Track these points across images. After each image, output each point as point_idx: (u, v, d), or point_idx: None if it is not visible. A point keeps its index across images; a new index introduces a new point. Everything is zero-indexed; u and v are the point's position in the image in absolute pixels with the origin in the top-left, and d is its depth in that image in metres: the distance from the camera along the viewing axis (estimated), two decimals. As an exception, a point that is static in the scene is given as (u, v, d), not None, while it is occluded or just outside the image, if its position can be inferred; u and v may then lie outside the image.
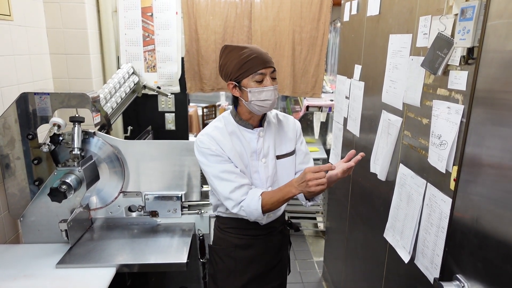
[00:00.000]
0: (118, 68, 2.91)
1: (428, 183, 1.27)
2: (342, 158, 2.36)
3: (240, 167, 1.49)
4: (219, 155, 1.45)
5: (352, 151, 1.40)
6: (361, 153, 1.38)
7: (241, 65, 1.40)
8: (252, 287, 1.63)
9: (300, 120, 3.65)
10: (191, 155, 1.98)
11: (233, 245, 1.61)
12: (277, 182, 1.57)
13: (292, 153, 1.61)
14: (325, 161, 3.49)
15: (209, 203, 2.07)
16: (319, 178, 1.27)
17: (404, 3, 1.48)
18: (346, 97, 2.23)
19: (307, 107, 3.35)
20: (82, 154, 1.81)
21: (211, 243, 1.70)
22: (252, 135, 1.52)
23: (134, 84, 2.77)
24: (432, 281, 1.21)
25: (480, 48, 0.96)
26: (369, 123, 1.86)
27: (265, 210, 1.41)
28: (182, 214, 2.02)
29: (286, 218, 1.78)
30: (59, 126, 1.77)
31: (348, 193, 2.23)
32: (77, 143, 1.75)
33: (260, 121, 1.55)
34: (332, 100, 3.30)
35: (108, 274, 1.58)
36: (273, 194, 1.41)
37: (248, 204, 1.41)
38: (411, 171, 1.39)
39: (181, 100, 3.18)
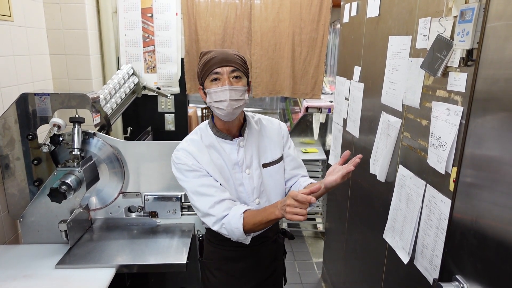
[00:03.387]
0: (118, 68, 2.92)
1: (428, 184, 1.27)
2: (341, 159, 2.37)
3: (220, 181, 1.40)
4: (196, 170, 1.38)
5: (347, 152, 1.33)
6: (359, 155, 1.30)
7: (202, 67, 1.36)
8: None
9: (299, 121, 3.66)
10: (191, 156, 1.98)
11: (224, 257, 1.53)
12: (265, 192, 1.48)
13: (279, 160, 1.51)
14: (324, 162, 3.49)
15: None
16: (298, 208, 1.15)
17: (404, 5, 1.48)
18: (346, 98, 2.24)
19: (307, 108, 3.36)
20: (82, 154, 1.81)
21: (203, 259, 1.61)
22: (232, 146, 1.43)
23: (134, 85, 2.77)
24: (431, 282, 1.21)
25: (479, 50, 0.97)
26: (369, 124, 1.86)
27: (246, 229, 1.29)
28: (181, 214, 2.02)
29: (284, 226, 1.71)
30: (59, 127, 1.77)
31: (347, 194, 2.23)
32: (77, 143, 1.75)
33: (240, 130, 1.46)
34: (331, 101, 3.31)
35: (107, 274, 1.58)
36: (256, 214, 1.29)
37: (229, 221, 1.30)
38: (410, 172, 1.40)
39: (181, 101, 3.19)
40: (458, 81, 1.10)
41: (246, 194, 1.45)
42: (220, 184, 1.40)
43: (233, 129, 1.44)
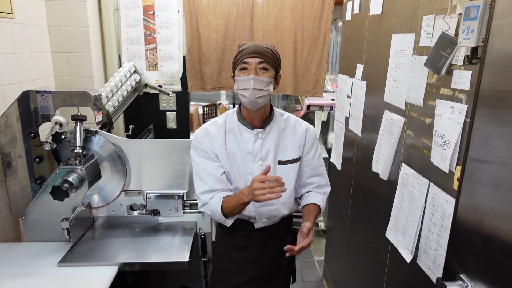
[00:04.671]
0: (120, 66, 2.91)
1: (431, 183, 1.27)
2: (343, 157, 2.37)
3: (226, 166, 1.49)
4: (206, 152, 1.49)
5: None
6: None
7: (235, 56, 1.45)
8: None
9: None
10: (192, 154, 1.98)
11: (229, 244, 1.61)
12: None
13: (296, 160, 1.55)
14: (326, 160, 3.49)
15: (210, 202, 2.07)
16: (265, 188, 1.27)
17: (407, 2, 1.47)
18: (348, 96, 2.23)
19: (308, 106, 3.35)
20: (84, 152, 1.81)
21: (214, 239, 1.73)
22: (251, 135, 1.49)
23: (136, 83, 2.77)
24: (434, 281, 1.21)
25: (484, 47, 0.96)
26: (371, 122, 1.86)
27: (225, 212, 1.44)
28: (183, 213, 2.02)
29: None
30: (61, 125, 1.77)
31: (349, 193, 2.23)
32: (79, 141, 1.75)
33: (263, 122, 1.51)
34: (333, 99, 3.30)
35: (109, 272, 1.58)
36: (230, 199, 1.43)
37: (211, 204, 1.46)
38: (413, 171, 1.39)
39: (183, 98, 3.18)
40: (463, 79, 1.09)
41: None
42: (224, 173, 1.49)
43: (256, 119, 1.50)
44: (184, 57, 3.08)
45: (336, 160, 2.53)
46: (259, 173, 1.47)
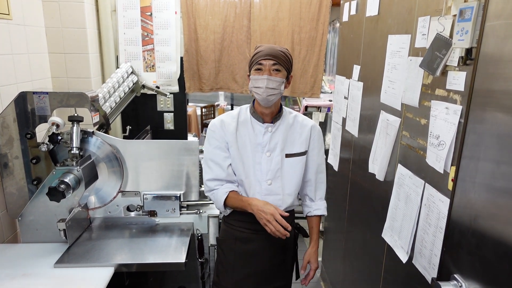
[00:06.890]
0: (117, 67, 2.91)
1: (426, 183, 1.27)
2: (340, 158, 2.37)
3: (235, 155, 1.60)
4: (217, 140, 1.61)
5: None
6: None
7: (251, 58, 1.58)
8: (251, 282, 1.65)
9: (299, 120, 3.65)
10: (189, 154, 1.98)
11: (234, 237, 1.66)
12: (280, 178, 1.63)
13: (302, 154, 1.66)
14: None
15: (207, 203, 2.08)
16: (276, 226, 1.44)
17: (403, 4, 1.48)
18: (345, 97, 2.24)
19: (306, 107, 3.36)
20: (81, 153, 1.80)
21: (218, 237, 1.78)
22: (261, 128, 1.61)
23: (133, 84, 2.77)
24: (430, 281, 1.21)
25: (478, 48, 0.97)
26: (368, 123, 1.86)
27: (226, 206, 1.60)
28: (180, 214, 2.02)
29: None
30: (57, 126, 1.77)
31: (346, 193, 2.23)
32: (75, 142, 1.75)
33: (273, 118, 1.63)
34: (330, 101, 3.31)
35: (106, 273, 1.58)
36: (237, 199, 1.57)
37: (217, 193, 1.60)
38: (409, 171, 1.39)
39: (180, 99, 3.18)
40: (457, 80, 1.09)
41: (261, 172, 1.62)
42: (230, 165, 1.61)
43: (267, 115, 1.62)
44: (181, 58, 3.08)
45: (333, 161, 2.54)
46: (266, 164, 1.60)
